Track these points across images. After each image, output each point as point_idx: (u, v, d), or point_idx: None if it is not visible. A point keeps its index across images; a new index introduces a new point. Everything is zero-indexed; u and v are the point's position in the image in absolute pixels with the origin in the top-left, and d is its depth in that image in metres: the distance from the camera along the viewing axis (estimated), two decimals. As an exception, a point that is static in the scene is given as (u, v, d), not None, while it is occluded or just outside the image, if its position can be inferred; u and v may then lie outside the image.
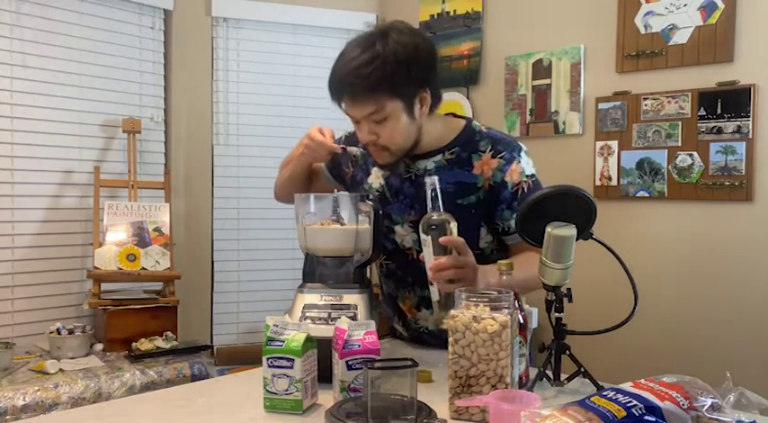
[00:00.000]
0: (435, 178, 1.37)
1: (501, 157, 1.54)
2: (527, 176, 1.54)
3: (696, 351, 2.51)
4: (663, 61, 2.59)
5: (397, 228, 1.62)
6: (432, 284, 1.37)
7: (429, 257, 1.35)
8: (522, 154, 1.56)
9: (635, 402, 0.87)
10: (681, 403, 0.88)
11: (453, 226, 1.35)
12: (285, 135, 3.39)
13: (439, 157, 1.57)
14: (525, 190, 1.53)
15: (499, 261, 1.32)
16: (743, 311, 2.42)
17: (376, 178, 1.66)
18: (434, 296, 1.37)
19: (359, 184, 1.71)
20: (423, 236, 1.36)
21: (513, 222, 1.52)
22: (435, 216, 1.35)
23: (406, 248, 1.62)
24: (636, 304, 1.29)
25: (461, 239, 1.35)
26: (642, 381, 0.94)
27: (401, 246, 1.63)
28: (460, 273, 1.32)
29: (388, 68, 1.41)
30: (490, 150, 1.54)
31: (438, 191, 1.36)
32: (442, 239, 1.33)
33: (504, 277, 1.26)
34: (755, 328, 2.40)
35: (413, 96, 1.48)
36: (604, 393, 0.91)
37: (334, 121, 3.47)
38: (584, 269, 1.77)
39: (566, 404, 0.91)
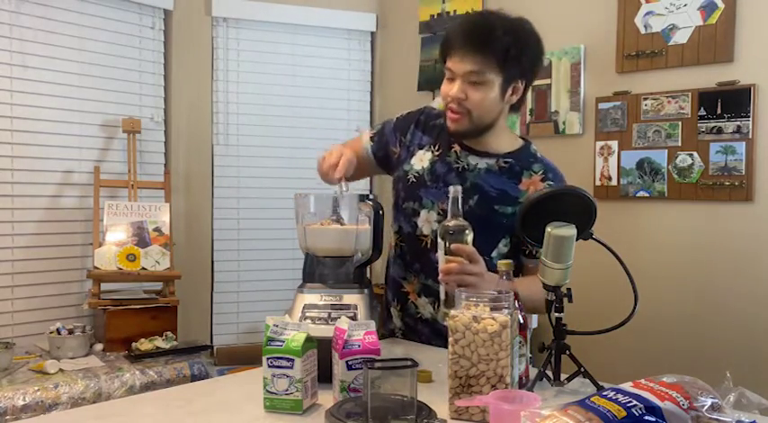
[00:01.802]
0: (459, 188, 1.41)
1: (549, 184, 1.61)
2: None
3: (696, 351, 2.51)
4: (663, 61, 2.59)
5: (423, 212, 1.65)
6: (440, 284, 1.42)
7: (442, 259, 1.39)
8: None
9: (635, 402, 0.87)
10: (681, 403, 0.88)
11: (469, 235, 1.38)
12: (285, 135, 3.39)
13: (492, 161, 1.63)
14: None
15: (499, 261, 1.32)
16: (743, 311, 2.42)
17: (419, 161, 1.69)
18: (441, 294, 1.43)
19: (401, 163, 1.73)
20: (439, 239, 1.40)
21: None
22: (453, 223, 1.38)
23: (423, 235, 1.65)
24: (636, 304, 1.30)
25: (472, 248, 1.39)
26: (642, 381, 0.94)
27: (419, 231, 1.66)
28: (468, 279, 1.37)
29: (512, 42, 1.51)
30: (541, 173, 1.62)
31: (460, 199, 1.39)
32: (453, 246, 1.37)
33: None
34: (755, 328, 2.40)
35: (511, 80, 1.55)
36: (604, 393, 0.91)
37: (333, 121, 3.50)
38: (584, 269, 1.77)
39: (566, 404, 0.91)
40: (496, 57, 1.50)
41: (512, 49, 1.51)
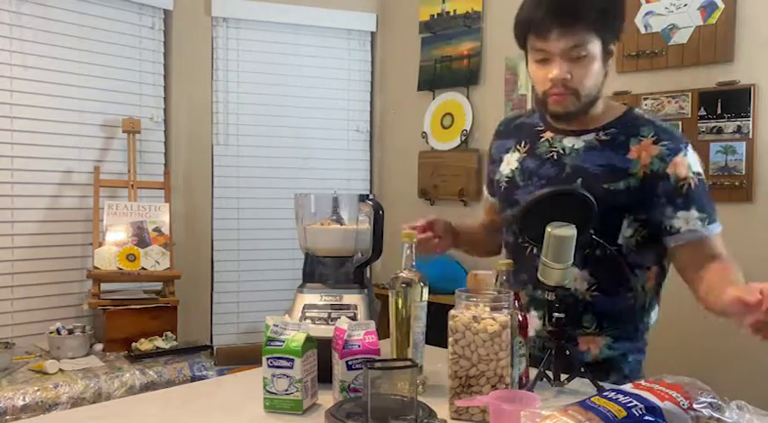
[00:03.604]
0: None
1: (664, 146, 1.40)
2: (694, 173, 1.40)
3: (696, 351, 2.51)
4: (663, 61, 2.59)
5: None
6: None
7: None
8: (690, 148, 1.43)
9: (635, 402, 0.87)
10: (681, 403, 0.88)
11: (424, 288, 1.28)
12: (285, 135, 3.39)
13: (591, 136, 1.44)
14: (692, 187, 1.39)
15: (499, 261, 1.32)
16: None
17: (507, 164, 1.55)
18: None
19: (494, 179, 1.60)
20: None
21: (676, 222, 1.40)
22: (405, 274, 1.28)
23: (526, 241, 1.43)
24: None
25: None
26: (642, 381, 0.94)
27: (521, 237, 1.45)
28: None
29: (603, 5, 1.36)
30: (653, 136, 1.41)
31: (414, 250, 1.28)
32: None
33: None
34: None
35: (609, 43, 1.40)
36: (605, 394, 0.91)
37: (333, 121, 3.50)
38: (584, 269, 1.77)
39: (566, 405, 0.91)
40: (594, 23, 1.34)
41: (607, 14, 1.36)
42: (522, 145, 1.53)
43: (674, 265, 1.47)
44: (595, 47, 1.37)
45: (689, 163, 1.41)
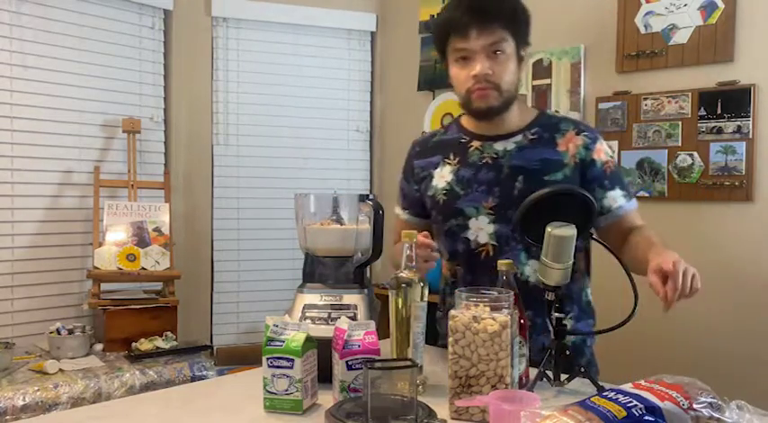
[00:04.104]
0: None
1: (586, 136, 1.56)
2: (610, 156, 1.58)
3: (696, 351, 2.51)
4: (663, 61, 2.59)
5: (472, 222, 1.56)
6: None
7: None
8: (601, 135, 1.61)
9: (635, 402, 0.87)
10: (681, 403, 0.88)
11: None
12: (285, 135, 3.39)
13: (519, 137, 1.56)
14: (613, 168, 1.57)
15: (499, 261, 1.32)
16: (743, 312, 2.42)
17: (441, 178, 1.61)
18: None
19: (427, 194, 1.66)
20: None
21: (606, 201, 1.54)
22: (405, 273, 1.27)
23: (480, 246, 1.55)
24: (636, 304, 1.29)
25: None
26: (642, 381, 0.94)
27: (474, 243, 1.56)
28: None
29: (514, 7, 1.51)
30: (573, 129, 1.57)
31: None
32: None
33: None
34: (755, 329, 2.40)
35: (522, 45, 1.53)
36: (605, 394, 0.91)
37: (333, 121, 3.50)
38: (584, 269, 1.77)
39: (566, 405, 0.91)
40: (508, 22, 1.48)
41: (519, 14, 1.50)
42: (452, 158, 1.62)
43: (604, 239, 1.51)
44: (511, 46, 1.50)
45: (605, 148, 1.58)
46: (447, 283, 1.68)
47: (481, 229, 1.55)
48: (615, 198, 1.55)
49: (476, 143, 1.59)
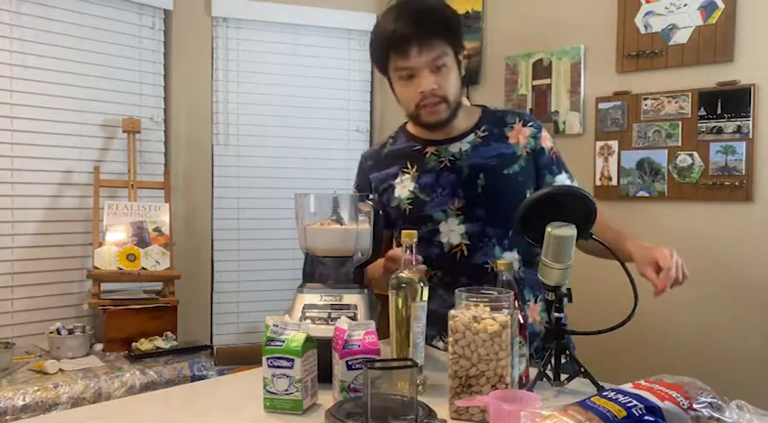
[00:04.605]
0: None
1: (531, 126, 1.63)
2: (554, 143, 1.67)
3: (696, 351, 2.51)
4: (663, 61, 2.59)
5: (442, 225, 1.58)
6: None
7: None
8: (540, 123, 1.69)
9: (635, 402, 0.87)
10: (681, 403, 0.88)
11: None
12: (285, 135, 3.39)
13: (471, 137, 1.61)
14: (557, 153, 1.66)
15: (498, 262, 1.32)
16: (743, 312, 2.42)
17: (402, 188, 1.63)
18: None
19: (390, 206, 1.66)
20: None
21: (556, 185, 1.60)
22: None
23: (454, 247, 1.58)
24: (636, 304, 1.29)
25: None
26: (642, 381, 0.94)
27: (447, 246, 1.59)
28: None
29: (446, 16, 1.53)
30: (519, 121, 1.63)
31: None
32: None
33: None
34: (755, 329, 2.40)
35: (459, 50, 1.55)
36: (605, 394, 0.91)
37: (333, 121, 3.49)
38: (585, 269, 1.77)
39: (566, 405, 0.91)
40: (445, 34, 1.50)
41: (451, 24, 1.53)
42: (410, 167, 1.63)
43: None
44: (451, 57, 1.52)
45: (548, 135, 1.66)
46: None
47: (452, 231, 1.59)
48: (563, 182, 1.64)
49: (430, 149, 1.63)
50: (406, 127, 1.71)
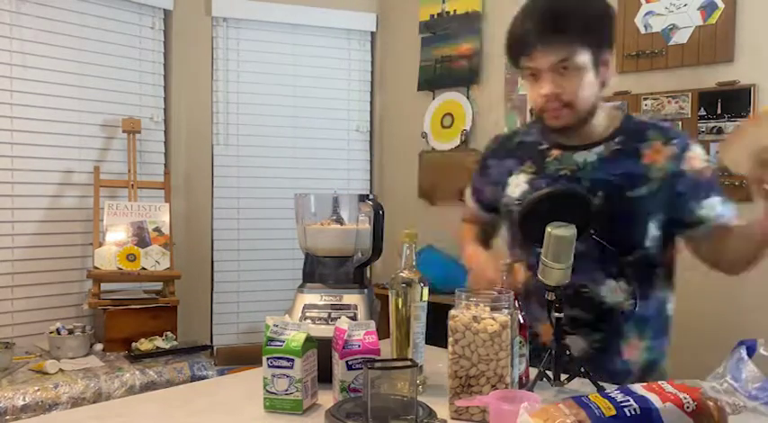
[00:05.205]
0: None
1: (674, 145, 1.42)
2: (707, 161, 1.44)
3: (696, 351, 2.51)
4: (663, 61, 2.59)
5: None
6: None
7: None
8: (692, 140, 1.47)
9: (631, 403, 0.87)
10: (685, 405, 0.88)
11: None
12: (285, 135, 3.39)
13: (601, 148, 1.44)
14: (709, 175, 1.43)
15: (499, 261, 1.31)
16: (743, 311, 2.42)
17: (515, 187, 1.52)
18: None
19: (499, 202, 1.58)
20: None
21: (703, 211, 1.42)
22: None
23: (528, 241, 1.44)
24: (635, 304, 1.29)
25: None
26: (663, 382, 0.93)
27: None
28: None
29: (586, 15, 1.36)
30: (661, 138, 1.43)
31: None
32: None
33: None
34: (755, 329, 2.39)
35: (600, 53, 1.38)
36: (606, 392, 0.92)
37: (333, 121, 3.50)
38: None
39: (563, 398, 0.91)
40: (579, 34, 1.34)
41: (592, 23, 1.36)
42: (529, 165, 1.51)
43: (693, 249, 1.48)
44: (584, 57, 1.36)
45: (699, 154, 1.43)
46: (527, 288, 1.51)
47: None
48: (714, 207, 1.43)
49: (555, 152, 1.49)
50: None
